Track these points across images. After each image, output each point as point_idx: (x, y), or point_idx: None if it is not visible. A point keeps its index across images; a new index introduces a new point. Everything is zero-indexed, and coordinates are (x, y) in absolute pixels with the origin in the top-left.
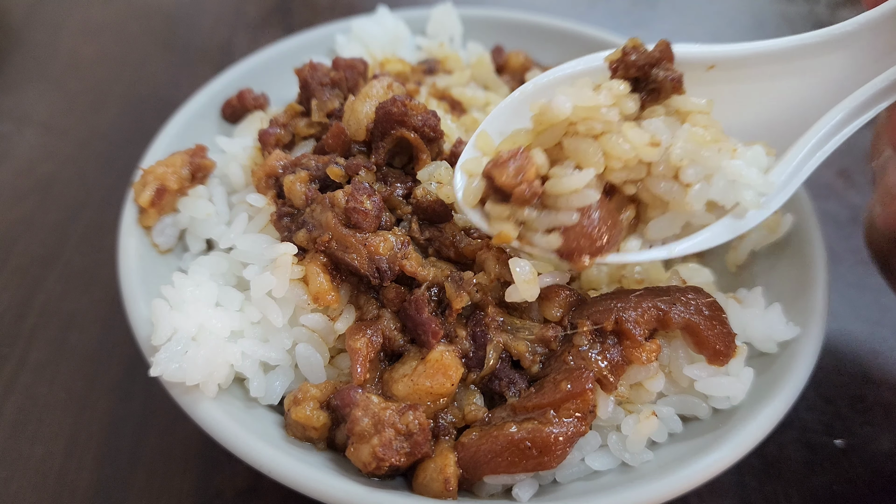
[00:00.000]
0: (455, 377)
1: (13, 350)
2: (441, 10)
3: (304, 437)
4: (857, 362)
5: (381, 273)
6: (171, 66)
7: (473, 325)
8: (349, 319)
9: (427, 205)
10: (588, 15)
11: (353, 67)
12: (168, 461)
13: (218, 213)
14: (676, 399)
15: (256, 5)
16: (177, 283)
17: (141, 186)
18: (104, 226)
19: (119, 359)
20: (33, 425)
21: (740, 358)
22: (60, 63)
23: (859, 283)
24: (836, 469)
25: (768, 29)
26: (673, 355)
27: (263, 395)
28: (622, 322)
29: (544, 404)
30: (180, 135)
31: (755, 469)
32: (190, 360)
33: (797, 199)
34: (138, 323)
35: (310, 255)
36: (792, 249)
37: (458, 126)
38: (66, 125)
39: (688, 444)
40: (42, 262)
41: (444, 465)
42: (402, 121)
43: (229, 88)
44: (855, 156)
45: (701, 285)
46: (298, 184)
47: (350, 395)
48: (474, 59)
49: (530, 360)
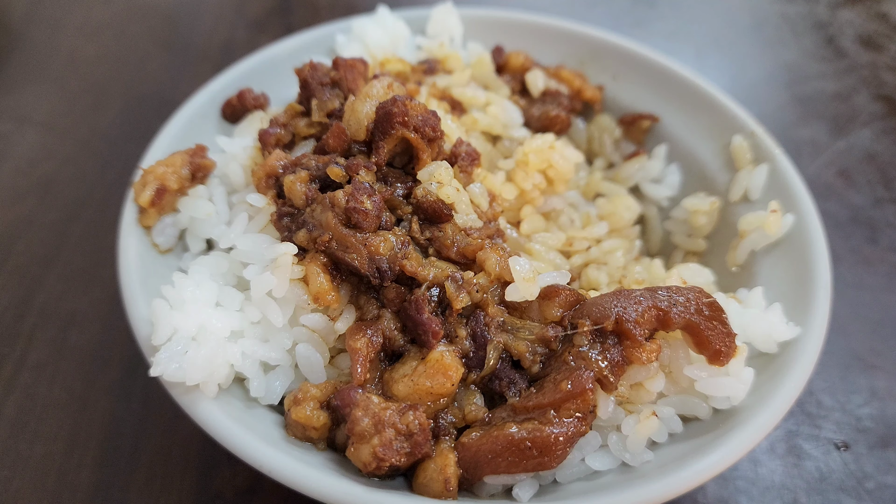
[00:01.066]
0: (455, 377)
1: (13, 350)
2: (441, 10)
3: (304, 437)
4: (858, 362)
5: (382, 273)
6: (171, 65)
7: (473, 325)
8: (349, 319)
9: (427, 205)
10: (588, 15)
11: (353, 67)
12: (168, 461)
13: (218, 213)
14: (676, 399)
15: (256, 5)
16: (177, 283)
17: (141, 186)
18: (104, 226)
19: (119, 359)
20: (33, 425)
21: (740, 358)
22: (60, 63)
23: (859, 283)
24: (836, 469)
25: (768, 29)
26: (673, 355)
27: (263, 395)
28: (622, 322)
29: (544, 404)
30: (180, 134)
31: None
32: (190, 360)
33: (797, 199)
34: (138, 323)
35: (310, 255)
36: (792, 249)
37: (458, 126)
38: (66, 125)
39: (688, 444)
40: (42, 261)
41: (444, 465)
42: (403, 121)
43: (229, 88)
44: (855, 156)
45: (701, 285)
46: (299, 184)
47: (350, 395)
48: (474, 59)
49: (530, 360)
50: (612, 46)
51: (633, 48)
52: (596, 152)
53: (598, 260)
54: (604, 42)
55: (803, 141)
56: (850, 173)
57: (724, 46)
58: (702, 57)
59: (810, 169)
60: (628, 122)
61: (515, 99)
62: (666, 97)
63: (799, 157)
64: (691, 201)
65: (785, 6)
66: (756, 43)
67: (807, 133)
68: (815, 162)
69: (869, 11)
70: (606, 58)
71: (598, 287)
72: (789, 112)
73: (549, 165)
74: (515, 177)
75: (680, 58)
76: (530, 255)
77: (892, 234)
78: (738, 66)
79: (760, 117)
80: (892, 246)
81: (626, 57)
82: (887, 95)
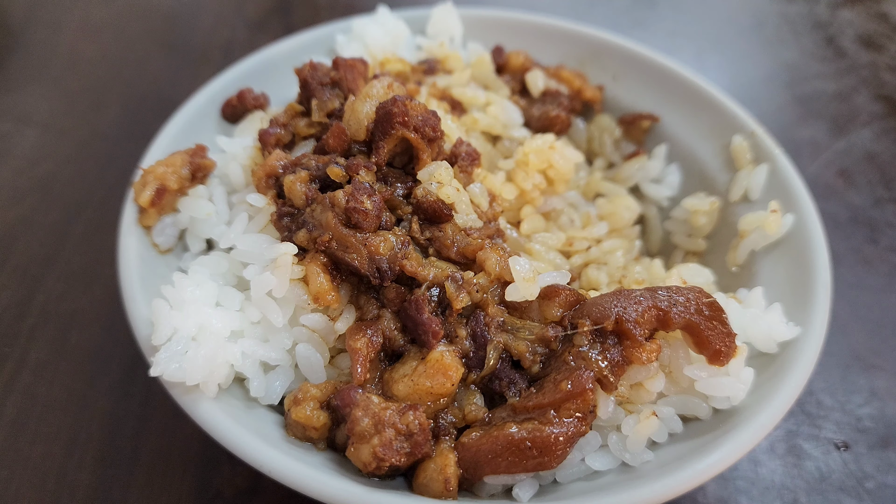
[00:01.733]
0: (455, 377)
1: (13, 350)
2: (441, 10)
3: (304, 437)
4: (858, 362)
5: (382, 273)
6: (171, 66)
7: (473, 325)
8: (349, 319)
9: (427, 205)
10: (588, 15)
11: (353, 67)
12: (168, 461)
13: (218, 213)
14: (676, 399)
15: (256, 5)
16: (177, 283)
17: (141, 186)
18: (104, 226)
19: (119, 359)
20: (33, 425)
21: (740, 358)
22: (60, 63)
23: (859, 283)
24: (836, 469)
25: (768, 29)
26: (673, 355)
27: (263, 395)
28: (622, 322)
29: (545, 404)
30: (180, 134)
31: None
32: (190, 360)
33: (797, 199)
34: (138, 323)
35: (310, 255)
36: (792, 249)
37: (458, 126)
38: (66, 125)
39: (688, 444)
40: (42, 262)
41: (444, 465)
42: (403, 121)
43: (229, 88)
44: (855, 156)
45: (701, 285)
46: (299, 184)
47: (350, 395)
48: (474, 59)
49: (530, 360)
50: (612, 46)
51: (633, 48)
52: (596, 152)
53: (598, 260)
54: (604, 42)
55: (803, 141)
56: (850, 173)
57: (724, 46)
58: (702, 57)
59: (810, 169)
60: (628, 122)
61: (515, 99)
62: (666, 97)
63: (799, 157)
64: (691, 201)
65: (785, 6)
66: (756, 43)
67: (807, 133)
68: (815, 162)
69: (869, 11)
70: (606, 58)
71: (598, 287)
72: (789, 112)
73: (549, 165)
74: (515, 177)
75: (680, 58)
76: (530, 255)
77: (892, 234)
78: (738, 66)
79: (760, 117)
80: (892, 246)
81: (626, 57)
82: (887, 95)
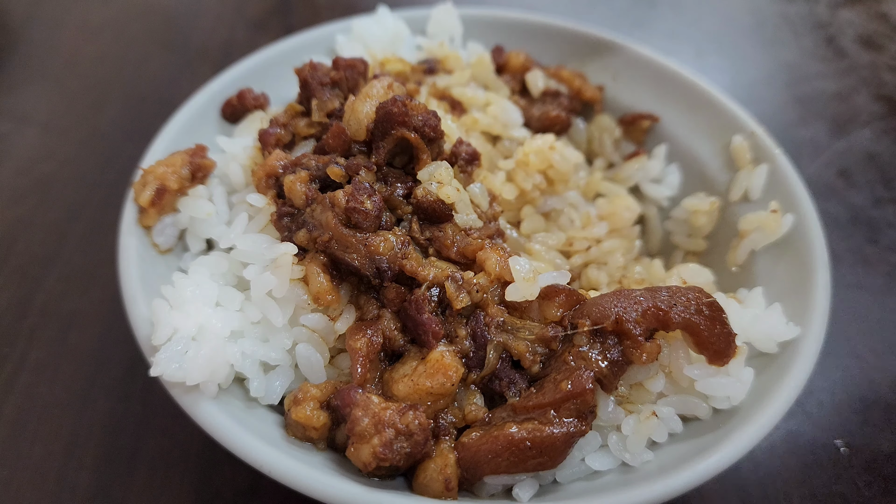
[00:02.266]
0: (455, 377)
1: (13, 350)
2: (441, 10)
3: (305, 437)
4: (858, 362)
5: (382, 273)
6: (171, 65)
7: (473, 325)
8: (349, 319)
9: (427, 205)
10: (588, 15)
11: (353, 67)
12: (168, 461)
13: (218, 213)
14: (676, 399)
15: (256, 5)
16: (177, 282)
17: (141, 186)
18: (104, 226)
19: (119, 359)
20: (33, 425)
21: (740, 358)
22: (60, 62)
23: (859, 283)
24: (836, 469)
25: (768, 29)
26: (673, 355)
27: (263, 395)
28: (622, 322)
29: (544, 404)
30: (180, 134)
31: (755, 469)
32: (190, 360)
33: (797, 199)
34: (138, 323)
35: (310, 255)
36: (792, 249)
37: (458, 126)
38: (66, 125)
39: (688, 444)
40: (42, 262)
41: (444, 465)
42: (403, 121)
43: (229, 88)
44: (855, 156)
45: (701, 285)
46: (299, 184)
47: (350, 395)
48: (474, 59)
49: (530, 360)
50: (612, 46)
51: (632, 48)
52: (596, 152)
53: (598, 260)
54: (604, 42)
55: (803, 141)
56: (850, 173)
57: (724, 46)
58: (702, 57)
59: (810, 169)
60: (628, 122)
61: (515, 99)
62: (666, 97)
63: (799, 157)
64: (691, 201)
65: (785, 6)
66: (756, 43)
67: (807, 133)
68: (815, 162)
69: (869, 11)
70: (606, 58)
71: (598, 287)
72: (789, 112)
73: (549, 165)
74: (515, 177)
75: (680, 58)
76: (530, 255)
77: (892, 234)
78: (738, 66)
79: (760, 117)
80: (892, 246)
81: (626, 57)
82: (887, 95)
